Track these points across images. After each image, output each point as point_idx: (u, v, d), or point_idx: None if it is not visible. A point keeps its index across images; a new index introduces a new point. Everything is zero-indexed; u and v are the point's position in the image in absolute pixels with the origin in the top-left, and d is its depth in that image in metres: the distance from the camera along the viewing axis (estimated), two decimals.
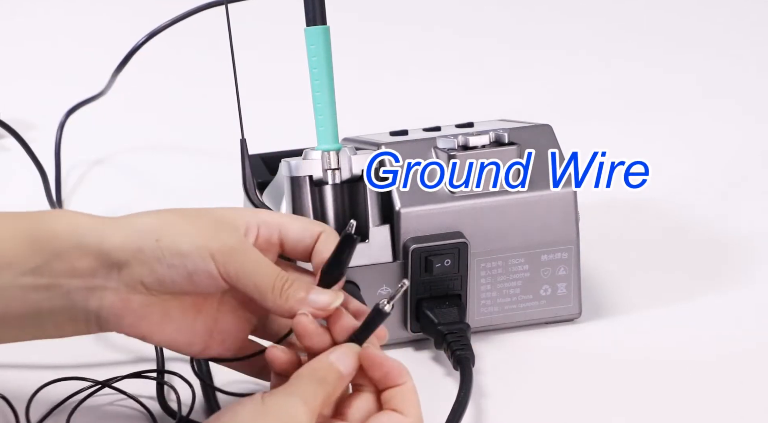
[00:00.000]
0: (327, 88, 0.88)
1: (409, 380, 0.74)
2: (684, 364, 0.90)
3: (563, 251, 0.92)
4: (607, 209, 1.13)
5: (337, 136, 0.89)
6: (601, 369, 0.90)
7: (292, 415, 0.70)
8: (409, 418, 0.74)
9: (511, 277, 0.92)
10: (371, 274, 0.89)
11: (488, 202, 0.90)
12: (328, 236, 0.78)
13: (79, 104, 1.25)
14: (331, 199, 0.90)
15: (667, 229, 1.12)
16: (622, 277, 1.02)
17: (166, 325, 0.76)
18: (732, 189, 1.21)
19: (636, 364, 0.90)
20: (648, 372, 0.89)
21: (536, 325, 0.94)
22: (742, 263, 1.05)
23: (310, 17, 0.87)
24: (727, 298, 0.99)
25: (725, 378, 0.88)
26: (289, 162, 0.89)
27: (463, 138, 0.90)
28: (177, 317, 0.76)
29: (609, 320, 0.96)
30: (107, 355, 0.91)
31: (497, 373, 0.88)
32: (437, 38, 1.60)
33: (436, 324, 0.88)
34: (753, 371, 0.89)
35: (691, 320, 0.96)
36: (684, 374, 0.89)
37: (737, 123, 1.36)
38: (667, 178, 1.19)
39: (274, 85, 1.38)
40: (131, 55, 1.16)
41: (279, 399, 0.71)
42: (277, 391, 0.72)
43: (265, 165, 1.03)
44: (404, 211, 0.89)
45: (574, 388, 0.88)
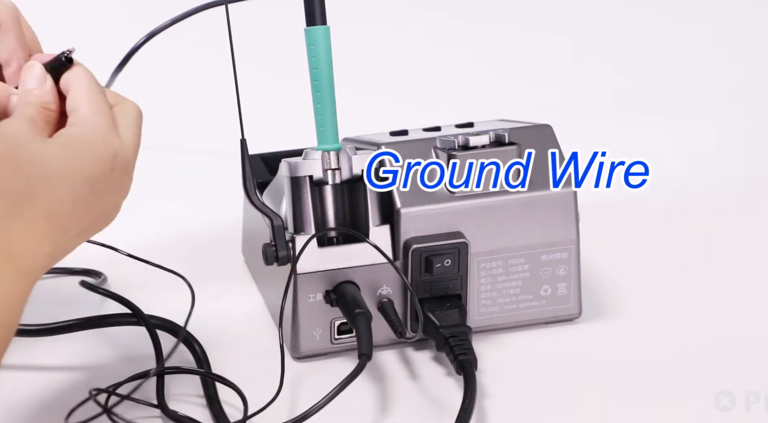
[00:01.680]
0: (327, 88, 0.88)
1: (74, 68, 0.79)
2: (684, 364, 0.90)
3: (563, 251, 0.92)
4: (607, 209, 1.13)
5: (337, 136, 0.89)
6: (601, 369, 0.90)
7: (1, 129, 0.74)
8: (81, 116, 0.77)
9: (511, 277, 0.92)
10: (371, 274, 0.89)
11: (488, 202, 0.90)
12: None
13: None
14: (331, 199, 0.89)
15: (667, 230, 1.12)
16: (622, 277, 1.02)
17: None
18: (732, 189, 1.21)
19: (636, 364, 0.90)
20: (648, 372, 0.89)
21: (536, 325, 0.94)
22: (742, 263, 1.05)
23: (310, 17, 0.87)
24: (727, 299, 0.99)
25: (725, 378, 0.88)
26: (289, 162, 0.89)
27: (463, 138, 0.90)
28: None
29: (609, 320, 0.96)
30: (106, 355, 0.91)
31: (497, 373, 0.88)
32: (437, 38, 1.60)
33: (437, 327, 0.88)
34: (753, 371, 0.89)
35: (690, 320, 0.96)
36: (684, 374, 0.89)
37: (737, 123, 1.36)
38: (667, 178, 1.19)
39: (274, 85, 1.38)
40: (131, 55, 1.16)
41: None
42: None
43: (265, 165, 1.03)
44: (404, 211, 0.89)
45: (574, 388, 0.88)
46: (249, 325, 0.96)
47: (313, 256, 0.88)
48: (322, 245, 0.89)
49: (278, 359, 0.85)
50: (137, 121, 0.79)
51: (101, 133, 0.76)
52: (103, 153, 0.75)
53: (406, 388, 0.88)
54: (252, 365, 0.90)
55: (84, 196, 0.74)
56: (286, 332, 0.90)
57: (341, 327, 0.90)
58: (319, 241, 0.88)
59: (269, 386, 0.84)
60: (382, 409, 0.85)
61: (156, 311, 0.92)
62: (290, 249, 0.87)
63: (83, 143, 0.75)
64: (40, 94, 0.78)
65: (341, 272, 0.89)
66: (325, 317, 0.90)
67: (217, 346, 0.91)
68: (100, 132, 0.76)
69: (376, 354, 0.89)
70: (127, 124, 0.78)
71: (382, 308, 0.89)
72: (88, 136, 0.75)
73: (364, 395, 0.86)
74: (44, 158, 0.73)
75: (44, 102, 0.78)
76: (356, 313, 0.86)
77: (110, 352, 0.91)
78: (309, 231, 0.88)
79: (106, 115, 0.77)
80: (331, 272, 0.89)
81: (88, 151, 0.75)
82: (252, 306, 0.99)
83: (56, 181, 0.73)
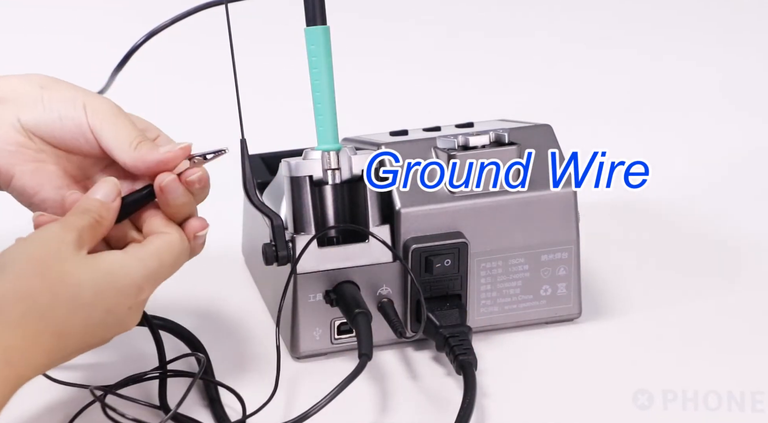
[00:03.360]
0: (327, 88, 0.88)
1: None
2: (684, 364, 0.90)
3: (563, 251, 0.92)
4: (607, 209, 1.13)
5: (337, 136, 0.89)
6: (601, 369, 0.90)
7: (47, 232, 0.75)
8: (170, 234, 0.80)
9: (511, 277, 0.92)
10: (371, 274, 0.89)
11: (488, 202, 0.90)
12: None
13: None
14: (331, 199, 0.89)
15: (667, 229, 1.12)
16: (622, 277, 1.02)
17: (34, 171, 0.81)
18: (732, 189, 1.21)
19: (635, 364, 0.90)
20: (648, 372, 0.89)
21: (536, 325, 0.94)
22: (742, 263, 1.05)
23: (310, 17, 0.87)
24: (727, 299, 0.99)
25: (725, 378, 0.88)
26: (289, 162, 0.89)
27: (463, 138, 0.90)
28: (47, 168, 0.82)
29: (609, 320, 0.96)
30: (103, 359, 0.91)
31: (497, 373, 0.88)
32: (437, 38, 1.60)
33: (437, 327, 0.88)
34: (753, 371, 0.89)
35: (690, 320, 0.96)
36: (683, 374, 0.89)
37: (737, 123, 1.36)
38: (667, 178, 1.19)
39: (274, 85, 1.38)
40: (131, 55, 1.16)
41: (42, 228, 0.77)
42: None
43: (265, 165, 1.03)
44: (404, 211, 0.89)
45: (574, 388, 0.88)
46: (249, 325, 0.96)
47: (313, 256, 0.88)
48: (322, 245, 0.89)
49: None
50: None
51: (138, 280, 0.76)
52: (129, 293, 0.76)
53: (406, 388, 0.88)
54: (252, 365, 0.90)
55: (95, 325, 0.75)
56: (287, 332, 0.90)
57: (341, 327, 0.90)
58: (319, 241, 0.88)
59: (269, 386, 0.84)
60: (382, 409, 0.85)
61: (157, 311, 0.92)
62: (290, 249, 0.87)
63: (116, 281, 0.75)
64: (101, 208, 0.78)
65: (341, 272, 0.89)
66: (325, 317, 0.90)
67: (217, 346, 0.91)
68: (138, 279, 0.76)
69: (376, 354, 0.89)
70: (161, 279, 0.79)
71: (382, 308, 0.89)
72: (123, 279, 0.76)
73: (364, 395, 0.86)
74: (77, 281, 0.73)
75: (102, 216, 0.78)
76: (356, 313, 0.87)
77: (111, 351, 0.91)
78: (309, 231, 0.88)
79: (153, 278, 0.78)
80: (331, 272, 0.89)
81: (117, 289, 0.75)
82: (252, 306, 0.99)
83: (78, 306, 0.73)
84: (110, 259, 0.76)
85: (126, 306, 0.76)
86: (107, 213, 0.78)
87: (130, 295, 0.76)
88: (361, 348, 0.84)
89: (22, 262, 0.73)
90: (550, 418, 0.85)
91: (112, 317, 0.75)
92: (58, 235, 0.75)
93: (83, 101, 0.82)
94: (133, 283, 0.76)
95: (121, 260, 0.76)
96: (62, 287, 0.73)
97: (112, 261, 0.76)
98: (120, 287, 0.75)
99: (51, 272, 0.73)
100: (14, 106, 0.81)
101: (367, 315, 0.87)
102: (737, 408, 0.85)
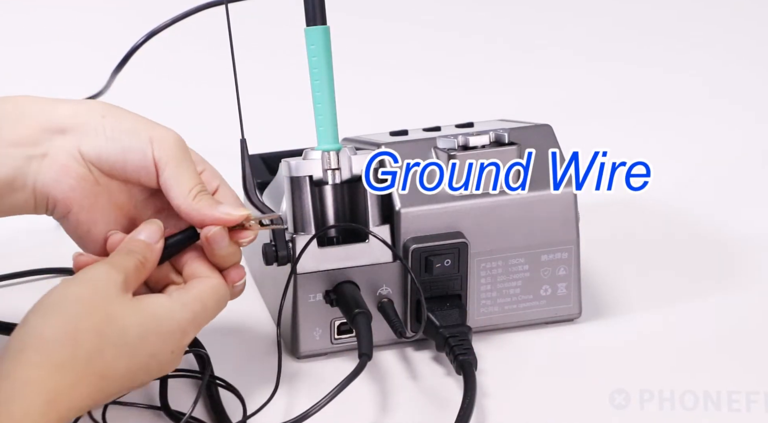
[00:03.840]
0: (327, 88, 0.88)
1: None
2: (684, 364, 0.90)
3: (563, 251, 0.92)
4: (607, 209, 1.13)
5: (337, 136, 0.89)
6: (601, 369, 0.90)
7: (96, 272, 0.75)
8: (213, 279, 0.80)
9: (511, 277, 0.92)
10: (371, 274, 0.89)
11: (488, 202, 0.90)
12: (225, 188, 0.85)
13: None
14: (331, 199, 0.89)
15: (667, 230, 1.12)
16: (622, 277, 1.02)
17: (91, 205, 0.80)
18: (732, 189, 1.21)
19: (636, 364, 0.90)
20: (647, 372, 0.89)
21: (536, 325, 0.94)
22: (742, 264, 1.05)
23: (310, 17, 0.87)
24: (727, 299, 0.99)
25: (725, 378, 0.88)
26: (289, 162, 0.89)
27: (463, 138, 0.90)
28: (101, 201, 0.81)
29: (609, 320, 0.96)
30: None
31: (497, 373, 0.88)
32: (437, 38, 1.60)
33: (437, 327, 0.88)
34: (753, 371, 0.89)
35: (690, 321, 0.96)
36: (683, 374, 0.89)
37: (738, 123, 1.36)
38: (667, 178, 1.19)
39: (274, 85, 1.38)
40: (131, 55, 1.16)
41: (89, 268, 0.76)
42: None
43: (265, 165, 1.03)
44: (404, 211, 0.89)
45: (574, 388, 0.88)
46: (249, 325, 0.96)
47: (313, 256, 0.88)
48: (322, 245, 0.89)
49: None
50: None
51: (183, 325, 0.77)
52: (174, 338, 0.76)
53: (406, 388, 0.88)
54: (252, 365, 0.90)
55: (138, 369, 0.75)
56: (287, 332, 0.90)
57: (341, 327, 0.90)
58: (319, 241, 0.88)
59: (270, 386, 0.84)
60: (382, 409, 0.85)
61: None
62: (290, 249, 0.87)
63: (162, 326, 0.75)
64: (146, 249, 0.78)
65: (341, 272, 0.89)
66: (325, 317, 0.90)
67: (217, 346, 0.91)
68: (183, 324, 0.77)
69: (376, 354, 0.89)
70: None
71: (382, 308, 0.89)
72: (169, 323, 0.76)
73: (364, 395, 0.86)
74: (123, 324, 0.73)
75: (146, 258, 0.78)
76: (356, 313, 0.87)
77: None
78: (309, 231, 0.88)
79: (197, 323, 0.78)
80: (331, 272, 0.89)
81: (162, 334, 0.75)
82: (252, 306, 0.99)
83: (124, 349, 0.73)
84: (156, 303, 0.76)
85: (169, 350, 0.76)
86: (151, 255, 0.78)
87: (174, 340, 0.76)
88: (361, 348, 0.84)
89: (71, 303, 0.72)
90: (550, 418, 0.85)
91: (155, 361, 0.75)
92: (106, 276, 0.75)
93: (149, 134, 0.80)
94: (179, 327, 0.76)
95: (166, 304, 0.76)
96: (110, 329, 0.73)
97: (158, 305, 0.76)
98: (165, 332, 0.75)
99: (99, 314, 0.72)
100: (74, 135, 0.80)
101: (367, 315, 0.87)
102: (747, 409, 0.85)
